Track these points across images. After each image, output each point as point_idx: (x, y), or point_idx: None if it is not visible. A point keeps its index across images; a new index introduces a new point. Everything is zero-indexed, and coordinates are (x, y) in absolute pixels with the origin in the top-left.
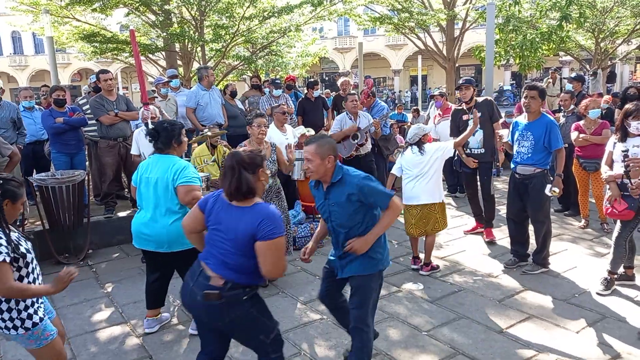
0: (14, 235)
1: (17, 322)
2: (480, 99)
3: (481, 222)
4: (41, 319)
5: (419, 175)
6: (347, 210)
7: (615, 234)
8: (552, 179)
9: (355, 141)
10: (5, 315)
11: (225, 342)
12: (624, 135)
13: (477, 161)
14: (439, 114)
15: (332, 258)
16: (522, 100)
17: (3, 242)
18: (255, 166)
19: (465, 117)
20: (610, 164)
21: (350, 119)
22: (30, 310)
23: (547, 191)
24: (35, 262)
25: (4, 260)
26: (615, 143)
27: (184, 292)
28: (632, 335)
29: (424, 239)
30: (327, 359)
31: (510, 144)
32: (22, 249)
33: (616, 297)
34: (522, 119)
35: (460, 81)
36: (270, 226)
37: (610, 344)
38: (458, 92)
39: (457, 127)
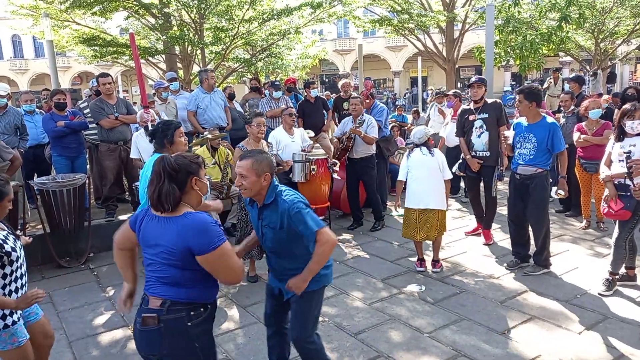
0: (1, 233)
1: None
2: (490, 101)
3: (482, 223)
4: (14, 322)
5: (427, 176)
6: (278, 236)
7: (614, 234)
8: (551, 180)
9: (341, 145)
10: None
11: None
12: (621, 135)
13: (481, 162)
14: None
15: (271, 279)
16: None
17: None
18: (187, 174)
19: (471, 118)
20: (609, 164)
21: (353, 122)
22: (6, 311)
23: (553, 194)
24: (21, 262)
25: None
26: (613, 143)
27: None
28: (635, 336)
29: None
30: None
31: (511, 145)
32: (8, 247)
33: (618, 298)
34: (524, 121)
35: (473, 79)
36: (207, 238)
37: (612, 345)
38: (469, 89)
39: (462, 127)
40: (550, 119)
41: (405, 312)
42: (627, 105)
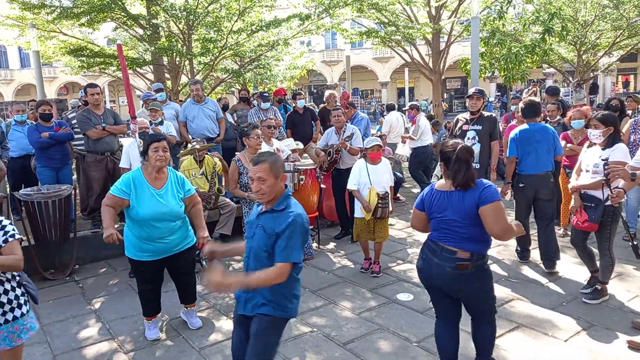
0: None
1: (15, 304)
2: (486, 114)
3: None
4: (28, 311)
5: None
6: (267, 242)
7: (597, 245)
8: (522, 185)
9: (329, 158)
10: (11, 295)
11: (458, 308)
12: (593, 143)
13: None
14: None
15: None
16: None
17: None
18: (472, 156)
19: (465, 127)
20: (579, 173)
21: (336, 133)
22: (26, 297)
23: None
24: None
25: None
26: (585, 152)
27: (426, 267)
28: (620, 343)
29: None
30: None
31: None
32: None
33: (604, 305)
34: None
35: (472, 90)
36: (488, 192)
37: (598, 352)
38: (468, 100)
39: (453, 135)
40: (516, 130)
41: (394, 322)
42: (591, 115)
